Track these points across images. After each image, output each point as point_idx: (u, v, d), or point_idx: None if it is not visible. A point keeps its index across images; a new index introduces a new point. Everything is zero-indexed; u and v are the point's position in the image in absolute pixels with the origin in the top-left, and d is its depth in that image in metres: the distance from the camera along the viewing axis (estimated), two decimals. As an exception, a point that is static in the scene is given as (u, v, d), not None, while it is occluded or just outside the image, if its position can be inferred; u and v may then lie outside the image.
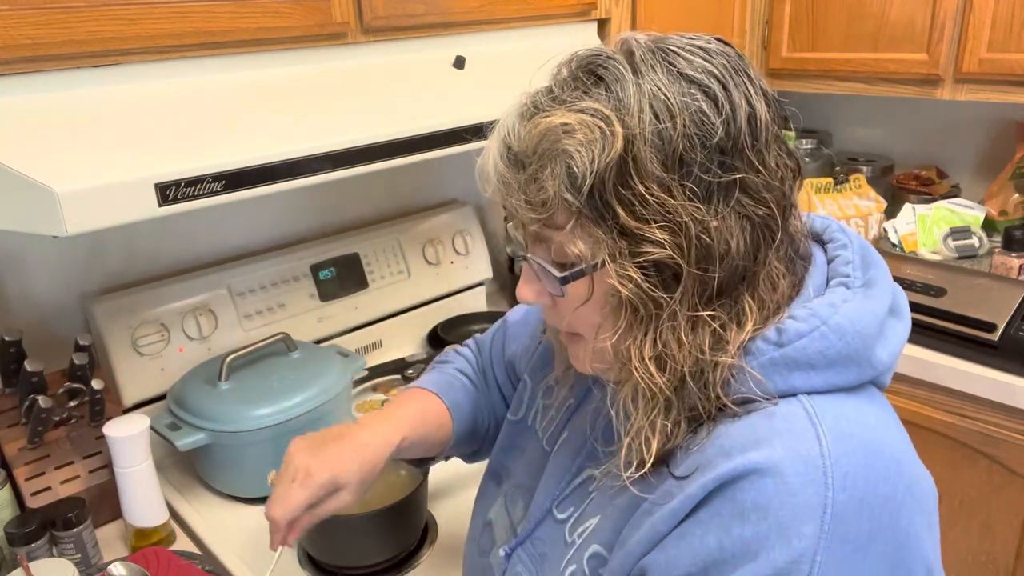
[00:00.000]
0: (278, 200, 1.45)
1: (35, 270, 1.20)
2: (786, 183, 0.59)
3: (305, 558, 1.04)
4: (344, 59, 1.13)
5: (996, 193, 1.78)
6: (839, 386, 0.57)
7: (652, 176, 0.54)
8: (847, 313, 0.57)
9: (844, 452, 0.53)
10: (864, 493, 0.52)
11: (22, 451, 1.09)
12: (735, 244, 0.56)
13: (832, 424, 0.54)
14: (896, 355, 0.60)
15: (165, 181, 0.85)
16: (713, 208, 0.55)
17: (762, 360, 0.57)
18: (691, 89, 0.55)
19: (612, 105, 0.55)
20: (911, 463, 0.57)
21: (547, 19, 1.38)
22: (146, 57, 0.93)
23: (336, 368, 1.25)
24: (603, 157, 0.53)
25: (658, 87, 0.55)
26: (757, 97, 0.57)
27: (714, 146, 0.55)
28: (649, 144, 0.54)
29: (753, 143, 0.56)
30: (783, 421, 0.55)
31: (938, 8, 1.56)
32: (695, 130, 0.54)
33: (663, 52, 0.57)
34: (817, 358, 0.56)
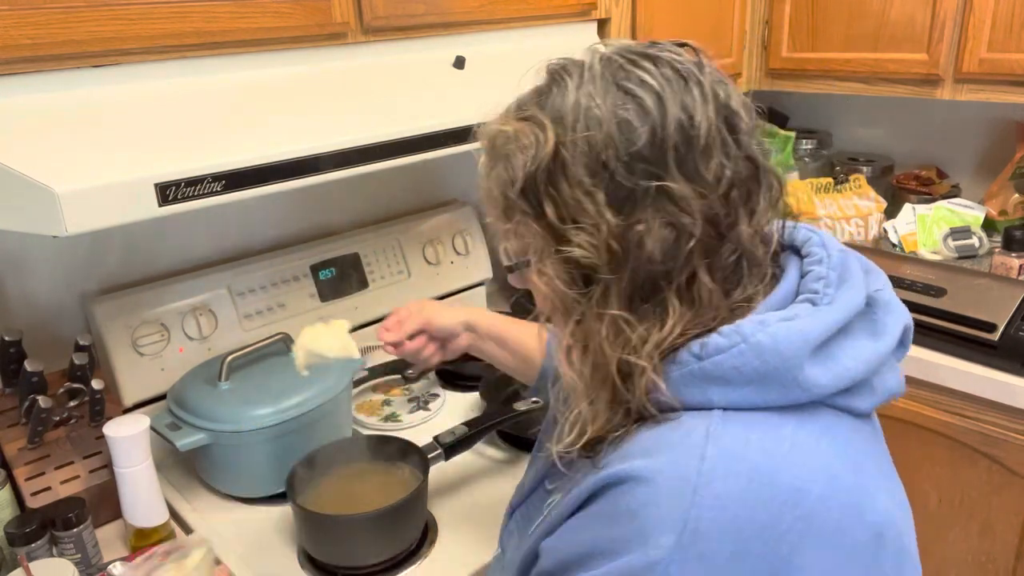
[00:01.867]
0: (278, 200, 1.45)
1: (35, 270, 1.20)
2: (733, 192, 0.58)
3: (305, 558, 1.04)
4: (344, 59, 1.13)
5: (996, 193, 1.78)
6: (761, 405, 0.56)
7: (577, 180, 0.57)
8: (773, 332, 0.56)
9: (725, 473, 0.53)
10: (734, 516, 0.52)
11: (22, 451, 1.09)
12: (653, 250, 0.57)
13: (726, 444, 0.54)
14: (850, 378, 0.58)
15: (165, 181, 0.85)
16: (632, 214, 0.57)
17: (684, 371, 0.58)
18: (622, 99, 0.57)
19: (550, 113, 0.59)
20: (823, 495, 0.54)
21: (547, 19, 1.38)
22: (146, 57, 0.93)
23: (336, 368, 1.25)
24: (535, 161, 0.58)
25: (591, 97, 0.58)
26: (702, 105, 0.57)
27: (636, 154, 0.56)
28: (578, 150, 0.57)
29: (684, 152, 0.57)
30: (682, 434, 0.56)
31: (938, 8, 1.56)
32: (620, 138, 0.56)
33: (611, 62, 0.59)
34: (733, 374, 0.56)
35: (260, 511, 1.16)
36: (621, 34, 1.53)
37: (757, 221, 0.60)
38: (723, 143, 0.58)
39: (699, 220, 0.57)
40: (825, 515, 0.54)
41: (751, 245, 0.60)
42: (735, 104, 0.59)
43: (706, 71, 0.59)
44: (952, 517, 1.52)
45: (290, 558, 1.05)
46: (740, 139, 0.59)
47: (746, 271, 0.61)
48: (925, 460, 1.52)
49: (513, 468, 1.22)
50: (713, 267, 0.59)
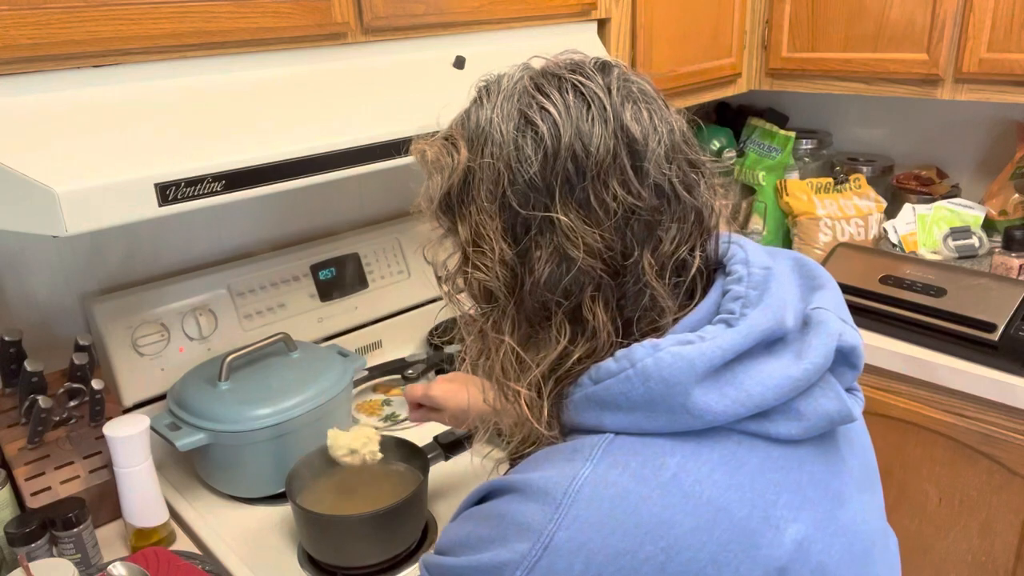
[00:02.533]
0: (278, 200, 1.45)
1: (35, 270, 1.20)
2: (633, 222, 0.57)
3: (305, 558, 1.04)
4: (344, 59, 1.12)
5: (996, 193, 1.78)
6: (651, 431, 0.55)
7: (480, 205, 0.58)
8: (660, 357, 0.54)
9: (591, 496, 0.53)
10: (588, 540, 0.52)
11: (22, 451, 1.09)
12: (541, 279, 0.57)
13: (602, 468, 0.54)
14: (752, 403, 0.54)
15: (165, 181, 0.85)
16: (523, 241, 0.58)
17: (581, 394, 0.58)
18: (523, 125, 0.57)
19: (467, 133, 0.60)
20: (697, 528, 0.52)
21: (547, 19, 1.38)
22: (146, 57, 0.93)
23: (336, 368, 1.25)
24: (448, 182, 0.60)
25: (497, 122, 0.58)
26: (601, 132, 0.56)
27: (528, 182, 0.57)
28: (484, 175, 0.58)
29: (576, 182, 0.56)
30: (567, 454, 0.56)
31: (938, 8, 1.56)
32: (516, 165, 0.57)
33: (521, 84, 0.59)
34: (621, 399, 0.55)
35: (260, 511, 1.16)
36: (621, 34, 1.53)
37: (663, 252, 0.58)
38: (621, 171, 0.56)
39: (583, 252, 0.56)
40: (696, 549, 0.52)
41: (653, 278, 0.58)
42: (642, 128, 0.57)
43: (616, 92, 0.58)
44: (952, 517, 1.52)
45: (290, 558, 1.05)
46: (644, 167, 0.57)
47: (652, 301, 0.58)
48: (925, 460, 1.52)
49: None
50: (606, 297, 0.58)
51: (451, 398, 1.04)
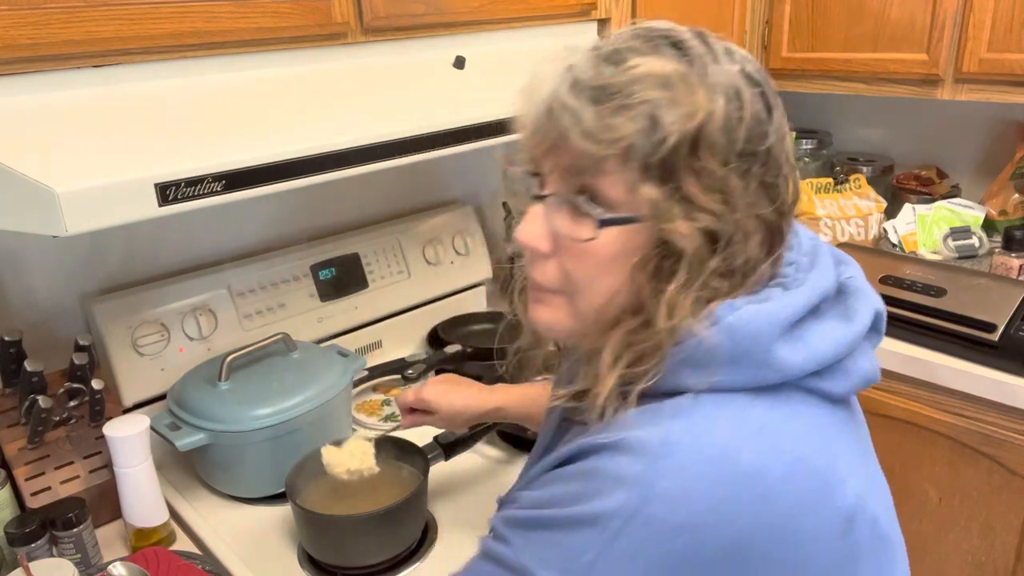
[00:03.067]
0: (278, 200, 1.45)
1: (35, 270, 1.20)
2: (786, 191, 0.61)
3: (305, 558, 1.04)
4: (344, 59, 1.13)
5: (996, 193, 1.78)
6: (734, 386, 0.58)
7: (718, 153, 0.56)
8: (744, 314, 0.57)
9: (688, 447, 0.54)
10: (690, 488, 0.53)
11: (22, 451, 1.09)
12: (753, 243, 0.59)
13: (694, 421, 0.56)
14: (819, 360, 0.59)
15: (165, 181, 0.85)
16: (755, 206, 0.58)
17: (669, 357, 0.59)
18: (753, 92, 0.59)
19: (698, 78, 0.57)
20: (785, 476, 0.55)
21: (547, 19, 1.38)
22: (146, 57, 0.93)
23: (336, 368, 1.25)
24: (684, 120, 0.55)
25: (732, 76, 0.58)
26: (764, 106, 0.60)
27: (767, 151, 0.58)
28: (720, 124, 0.56)
29: (757, 145, 0.58)
30: (655, 411, 0.58)
31: (938, 8, 1.56)
32: (756, 130, 0.58)
33: (717, 48, 0.60)
34: (707, 357, 0.57)
35: (260, 511, 1.16)
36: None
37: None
38: (763, 136, 0.61)
39: (777, 214, 0.60)
40: (786, 496, 0.55)
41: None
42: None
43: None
44: (952, 517, 1.52)
45: (290, 558, 1.05)
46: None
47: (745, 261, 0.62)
48: (925, 460, 1.52)
49: (513, 468, 1.22)
50: (773, 260, 0.62)
51: (444, 399, 1.03)
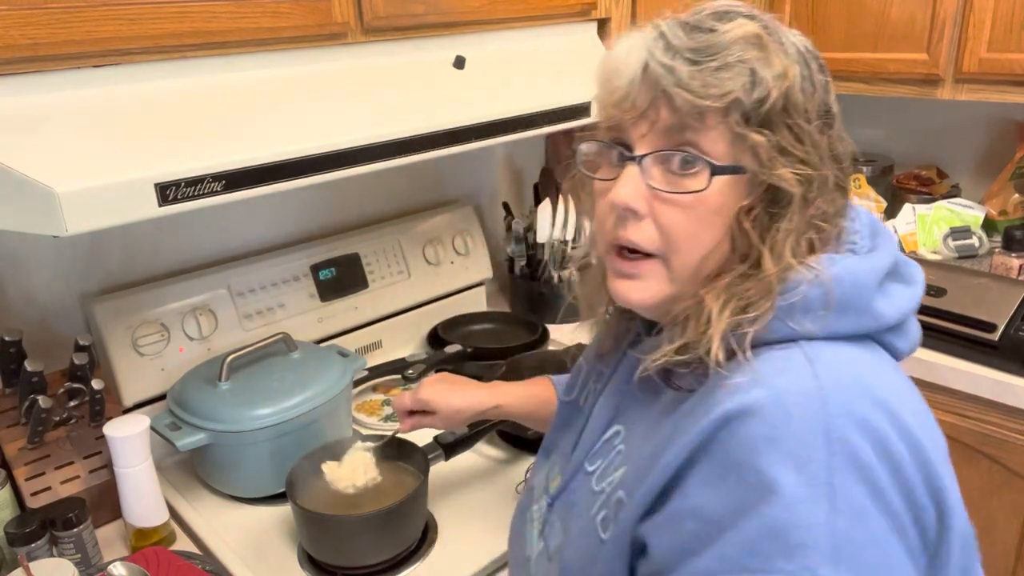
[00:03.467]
0: (278, 200, 1.45)
1: (35, 270, 1.20)
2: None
3: (305, 558, 1.04)
4: (344, 59, 1.12)
5: (996, 193, 1.78)
6: (839, 333, 0.61)
7: (804, 112, 0.62)
8: (844, 265, 0.62)
9: (838, 383, 0.57)
10: (865, 417, 0.55)
11: (22, 451, 1.09)
12: (833, 193, 0.65)
13: (827, 363, 0.58)
14: (902, 314, 0.65)
15: (165, 181, 0.85)
16: (838, 162, 0.66)
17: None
18: (813, 59, 0.65)
19: (778, 44, 0.62)
20: (908, 411, 0.59)
21: (547, 19, 1.38)
22: (146, 57, 0.93)
23: (336, 368, 1.25)
24: (779, 79, 0.61)
25: (799, 47, 0.64)
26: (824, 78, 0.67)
27: (830, 106, 0.66)
28: (801, 85, 0.62)
29: (830, 107, 0.66)
30: (782, 361, 0.59)
31: (938, 8, 1.56)
32: (822, 89, 0.65)
33: (804, 42, 0.66)
34: (815, 303, 0.60)
35: (260, 511, 1.16)
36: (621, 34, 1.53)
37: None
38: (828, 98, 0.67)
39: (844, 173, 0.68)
40: (915, 432, 0.58)
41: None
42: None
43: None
44: (952, 517, 1.52)
45: (290, 558, 1.05)
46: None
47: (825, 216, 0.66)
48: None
49: (513, 468, 1.22)
50: (841, 216, 0.68)
51: (442, 399, 1.02)
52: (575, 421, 0.85)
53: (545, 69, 1.36)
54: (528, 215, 1.77)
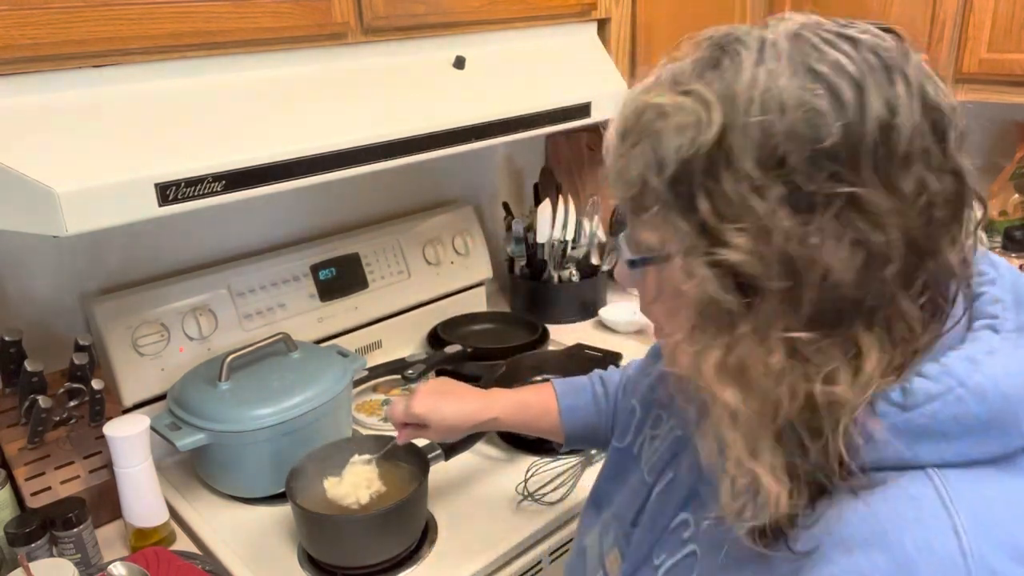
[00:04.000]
0: (278, 200, 1.45)
1: (35, 270, 1.20)
2: (935, 211, 0.48)
3: (305, 558, 1.04)
4: (344, 59, 1.12)
5: (996, 193, 1.78)
6: (977, 459, 0.48)
7: (744, 173, 0.48)
8: (989, 370, 0.48)
9: (989, 546, 0.44)
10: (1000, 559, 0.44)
11: (22, 451, 1.09)
12: (838, 269, 0.47)
13: (971, 510, 0.45)
14: None
15: (165, 181, 0.85)
16: (812, 222, 0.47)
17: (883, 425, 0.48)
18: (813, 84, 0.47)
19: (719, 91, 0.49)
20: None
21: (547, 19, 1.38)
22: (146, 57, 0.93)
23: (336, 368, 1.25)
24: (693, 145, 0.49)
25: (774, 77, 0.48)
26: (909, 103, 0.48)
27: (824, 151, 0.47)
28: (749, 139, 0.48)
29: (884, 157, 0.47)
30: (910, 505, 0.46)
31: (938, 8, 1.56)
32: (805, 130, 0.47)
33: (801, 39, 0.50)
34: (951, 425, 0.47)
35: (260, 511, 1.16)
36: (622, 34, 1.53)
37: (961, 249, 0.50)
38: (926, 152, 0.48)
39: (899, 242, 0.47)
40: None
41: (955, 276, 0.50)
42: (945, 106, 0.49)
43: (912, 62, 0.50)
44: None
45: (290, 558, 1.05)
46: (948, 148, 0.49)
47: (944, 307, 0.51)
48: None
49: (513, 468, 1.22)
50: (913, 300, 0.49)
51: (435, 414, 0.96)
52: (629, 475, 0.77)
53: (545, 69, 1.36)
54: (528, 215, 1.77)
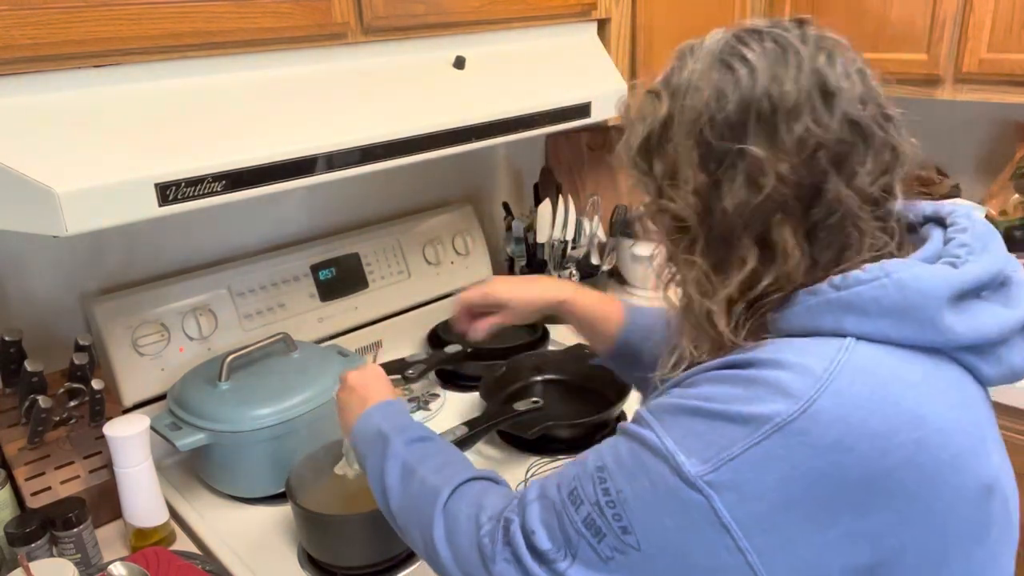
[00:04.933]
0: (278, 200, 1.45)
1: (35, 270, 1.20)
2: (819, 154, 0.61)
3: (305, 558, 1.04)
4: (344, 59, 1.13)
5: (996, 193, 1.78)
6: (894, 339, 0.59)
7: (678, 143, 0.65)
8: (915, 272, 0.59)
9: (853, 378, 0.57)
10: (848, 414, 0.56)
11: (22, 451, 1.09)
12: (730, 205, 0.62)
13: (858, 359, 0.58)
14: (981, 336, 0.60)
15: (165, 181, 0.85)
16: (716, 172, 0.63)
17: (820, 300, 0.61)
18: (721, 71, 0.64)
19: (670, 88, 0.67)
20: (943, 430, 0.57)
21: (547, 19, 1.38)
22: (146, 57, 0.93)
23: (336, 368, 1.25)
24: (648, 125, 0.67)
25: (700, 72, 0.65)
26: (797, 75, 0.61)
27: (725, 119, 0.62)
28: (683, 117, 0.65)
29: (769, 118, 0.61)
30: (815, 344, 0.60)
31: (938, 8, 1.56)
32: (713, 105, 0.63)
33: (722, 40, 0.66)
34: (871, 305, 0.59)
35: (260, 511, 1.16)
36: (621, 34, 1.53)
37: (859, 183, 0.62)
38: (812, 109, 0.61)
39: (774, 180, 0.61)
40: (939, 448, 0.57)
41: (852, 206, 0.62)
42: (835, 73, 0.62)
43: (811, 43, 0.64)
44: (952, 517, 1.52)
45: (290, 558, 1.05)
46: (835, 105, 0.62)
47: (853, 232, 0.63)
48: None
49: (513, 468, 1.22)
50: (795, 225, 0.62)
51: (514, 293, 1.04)
52: None
53: (545, 69, 1.36)
54: (528, 215, 1.77)
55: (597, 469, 0.64)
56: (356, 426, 0.89)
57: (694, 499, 0.58)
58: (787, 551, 0.57)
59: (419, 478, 0.78)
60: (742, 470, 0.57)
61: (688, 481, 0.58)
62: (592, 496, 0.63)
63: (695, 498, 0.58)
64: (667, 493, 0.59)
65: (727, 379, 0.61)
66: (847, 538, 0.57)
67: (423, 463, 0.79)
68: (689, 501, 0.58)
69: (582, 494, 0.64)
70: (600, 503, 0.62)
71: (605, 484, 0.62)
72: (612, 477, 0.62)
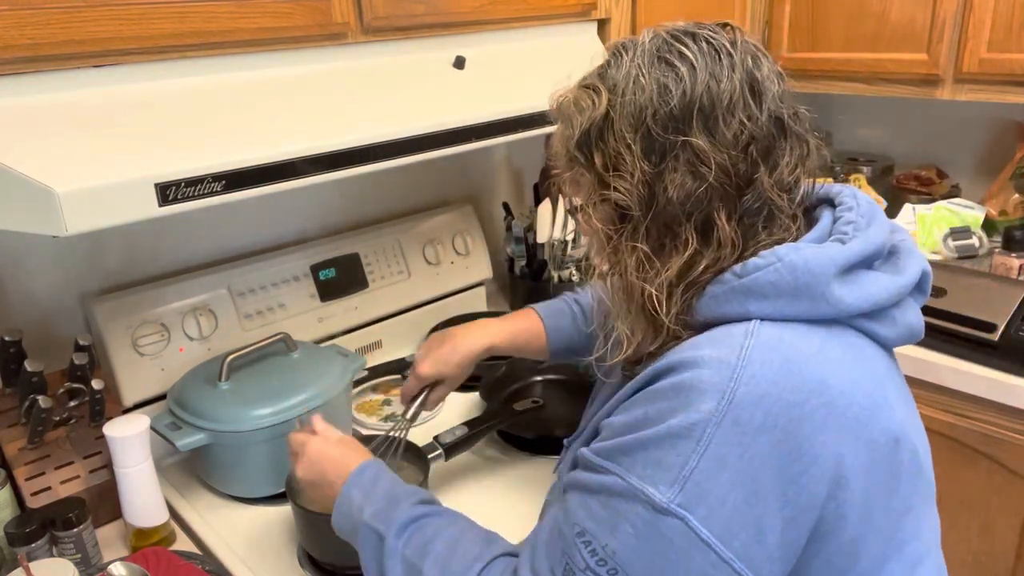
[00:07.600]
0: (278, 200, 1.45)
1: (35, 270, 1.20)
2: (751, 148, 0.67)
3: (305, 558, 1.04)
4: (344, 59, 1.13)
5: (996, 193, 1.78)
6: (793, 316, 0.66)
7: (621, 136, 0.69)
8: (805, 254, 0.65)
9: (761, 361, 0.62)
10: (765, 392, 0.61)
11: (22, 451, 1.09)
12: (674, 194, 0.67)
13: (763, 341, 0.64)
14: (871, 302, 0.67)
15: (165, 181, 0.85)
16: (660, 163, 0.68)
17: (725, 288, 0.67)
18: (664, 69, 0.68)
19: (607, 81, 0.71)
20: (844, 391, 0.63)
21: (547, 19, 1.38)
22: (146, 57, 0.93)
23: (336, 368, 1.25)
24: (589, 119, 0.70)
25: (640, 68, 0.69)
26: (731, 75, 0.67)
27: (668, 113, 0.67)
28: (625, 111, 0.69)
29: (708, 113, 0.67)
30: (724, 333, 0.66)
31: (938, 8, 1.56)
32: (658, 100, 0.67)
33: (659, 39, 0.71)
34: (768, 288, 0.65)
35: (260, 511, 1.16)
36: (621, 34, 1.53)
37: (779, 174, 0.69)
38: (745, 106, 0.68)
39: (715, 170, 0.66)
40: (845, 407, 0.63)
41: (773, 195, 0.69)
42: (762, 74, 0.69)
43: (739, 46, 0.70)
44: (952, 517, 1.52)
45: (290, 558, 1.05)
46: (764, 103, 0.68)
47: (770, 217, 0.70)
48: (925, 460, 1.52)
49: (513, 468, 1.22)
50: (730, 211, 0.68)
51: (439, 366, 1.07)
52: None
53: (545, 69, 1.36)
54: (528, 215, 1.77)
55: (577, 536, 0.66)
56: (336, 515, 0.85)
57: (673, 526, 0.61)
58: (760, 544, 0.61)
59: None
60: (702, 481, 0.61)
61: (663, 510, 0.61)
62: (583, 563, 0.65)
63: (674, 524, 0.61)
64: (648, 530, 0.62)
65: (656, 394, 0.65)
66: (799, 510, 0.62)
67: (425, 558, 0.76)
68: (669, 529, 0.61)
69: (574, 566, 0.66)
70: (592, 567, 0.64)
71: (591, 546, 0.65)
72: (595, 537, 0.65)
